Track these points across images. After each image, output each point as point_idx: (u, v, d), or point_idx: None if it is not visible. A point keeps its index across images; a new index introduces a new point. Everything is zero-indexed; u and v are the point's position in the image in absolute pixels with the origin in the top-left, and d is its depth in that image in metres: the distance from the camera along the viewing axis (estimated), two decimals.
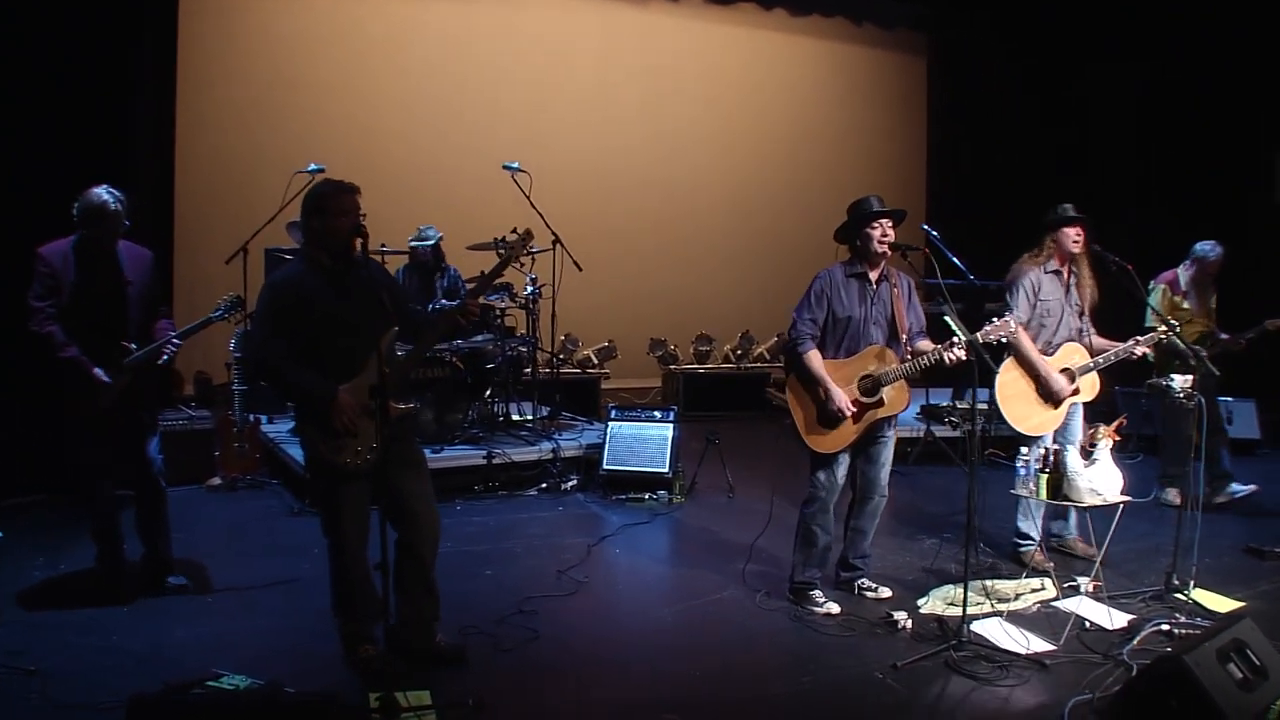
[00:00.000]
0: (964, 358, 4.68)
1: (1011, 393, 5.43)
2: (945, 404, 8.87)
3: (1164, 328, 5.51)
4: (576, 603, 5.14)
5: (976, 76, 12.52)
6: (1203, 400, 5.28)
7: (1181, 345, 5.66)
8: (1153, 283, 7.04)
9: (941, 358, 4.73)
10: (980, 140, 12.50)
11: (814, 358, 4.88)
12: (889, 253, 4.91)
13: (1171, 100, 10.83)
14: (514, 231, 4.68)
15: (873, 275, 4.94)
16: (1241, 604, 5.05)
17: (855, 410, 4.82)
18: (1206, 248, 7.03)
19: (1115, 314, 6.00)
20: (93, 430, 4.81)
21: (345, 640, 4.27)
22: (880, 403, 4.87)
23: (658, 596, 5.40)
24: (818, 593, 5.04)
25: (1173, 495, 6.96)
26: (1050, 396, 5.44)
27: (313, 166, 7.27)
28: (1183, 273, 7.09)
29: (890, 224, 4.88)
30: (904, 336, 4.95)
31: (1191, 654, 3.58)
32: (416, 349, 4.32)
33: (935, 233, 7.69)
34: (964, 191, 12.51)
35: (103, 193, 4.71)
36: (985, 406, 5.27)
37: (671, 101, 11.72)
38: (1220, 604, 5.04)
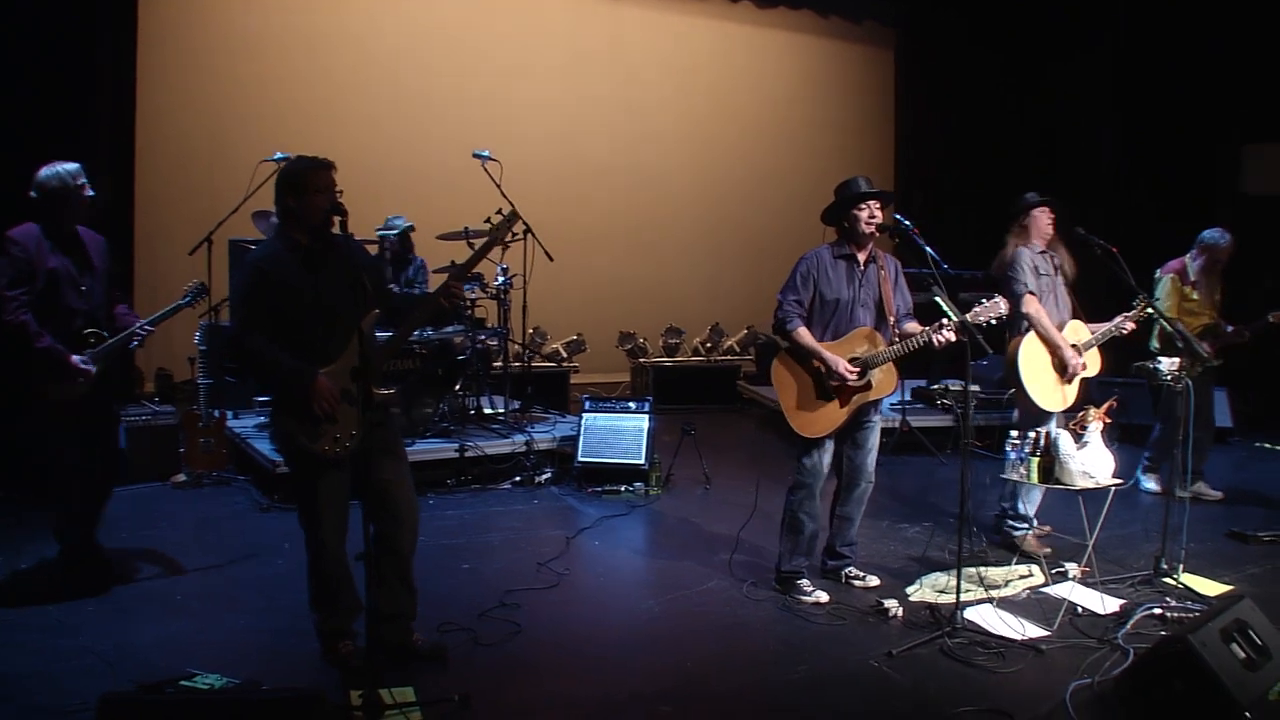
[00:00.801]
0: (954, 340, 4.62)
1: (1034, 368, 5.40)
2: (937, 386, 8.83)
3: (1143, 302, 5.47)
4: (558, 595, 5.01)
5: (945, 68, 12.52)
6: (1190, 384, 5.26)
7: (1169, 327, 5.63)
8: (1159, 272, 6.87)
9: (931, 340, 4.66)
10: (949, 132, 12.51)
11: (804, 332, 4.80)
12: (877, 234, 4.84)
13: (1141, 92, 10.87)
14: (498, 213, 4.56)
15: (860, 257, 4.86)
16: (1230, 587, 5.04)
17: (854, 373, 4.74)
18: (1215, 235, 6.77)
19: (1108, 298, 5.95)
20: (64, 423, 4.62)
21: (323, 637, 4.12)
22: (868, 385, 4.79)
23: (642, 588, 5.28)
24: (805, 581, 4.95)
25: (1152, 482, 6.96)
26: (1063, 370, 5.42)
27: (279, 155, 7.07)
28: (1191, 262, 6.82)
29: (878, 205, 4.81)
30: (891, 319, 4.88)
31: (1196, 634, 3.54)
32: (399, 334, 4.17)
33: (908, 222, 7.69)
34: (933, 183, 12.52)
35: (57, 165, 4.54)
36: (976, 388, 5.22)
37: (640, 92, 11.60)
38: (1210, 588, 5.03)
